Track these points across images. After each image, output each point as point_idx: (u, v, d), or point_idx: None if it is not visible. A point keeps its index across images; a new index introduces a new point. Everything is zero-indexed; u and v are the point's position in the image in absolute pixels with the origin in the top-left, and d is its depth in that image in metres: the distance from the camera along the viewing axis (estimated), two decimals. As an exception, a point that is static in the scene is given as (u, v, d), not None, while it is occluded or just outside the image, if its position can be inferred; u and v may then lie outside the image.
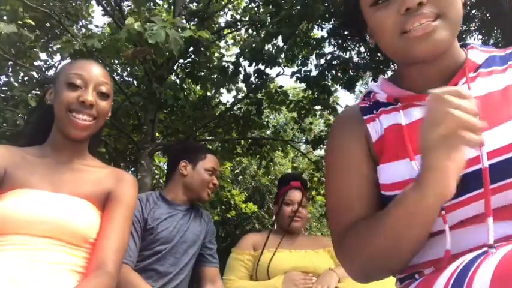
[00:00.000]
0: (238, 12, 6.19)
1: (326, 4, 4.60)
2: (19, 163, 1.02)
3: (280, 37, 4.75)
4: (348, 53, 5.80)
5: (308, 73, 5.35)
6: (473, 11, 6.75)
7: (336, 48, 5.85)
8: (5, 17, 3.19)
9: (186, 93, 5.42)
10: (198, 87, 5.85)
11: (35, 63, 4.45)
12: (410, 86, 0.74)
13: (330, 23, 5.61)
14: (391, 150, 0.71)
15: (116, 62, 5.31)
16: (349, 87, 5.41)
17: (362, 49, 6.29)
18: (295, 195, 1.86)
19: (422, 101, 0.71)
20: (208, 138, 5.92)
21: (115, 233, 1.02)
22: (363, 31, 0.80)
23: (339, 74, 5.34)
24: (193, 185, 1.68)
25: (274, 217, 1.96)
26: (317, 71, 5.46)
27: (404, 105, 0.73)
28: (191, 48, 3.87)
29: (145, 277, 1.44)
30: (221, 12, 6.13)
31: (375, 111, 0.77)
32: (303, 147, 9.08)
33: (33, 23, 3.77)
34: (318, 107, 5.78)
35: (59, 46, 2.84)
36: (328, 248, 1.80)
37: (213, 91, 5.60)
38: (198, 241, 1.63)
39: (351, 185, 0.75)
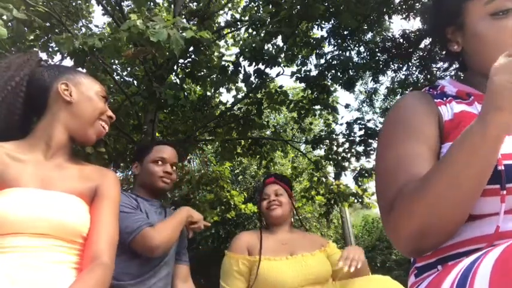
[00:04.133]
0: (238, 11, 6.20)
1: (326, 4, 4.60)
2: (5, 162, 1.01)
3: (280, 37, 4.75)
4: (348, 53, 5.81)
5: (308, 73, 5.35)
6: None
7: (335, 48, 5.87)
8: (4, 17, 3.18)
9: (186, 93, 5.42)
10: (198, 87, 5.86)
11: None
12: (479, 90, 0.80)
13: (330, 22, 5.61)
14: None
15: (116, 61, 5.31)
16: (349, 87, 5.42)
17: (362, 49, 6.30)
18: (269, 188, 1.92)
19: None
20: (208, 138, 5.93)
21: (106, 226, 1.04)
22: (446, 33, 0.84)
23: (339, 74, 5.35)
24: (145, 180, 1.70)
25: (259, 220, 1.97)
26: (317, 71, 5.47)
27: (477, 101, 0.78)
28: (191, 48, 3.87)
29: (136, 264, 1.46)
30: (221, 12, 6.13)
31: (444, 98, 0.82)
32: (302, 147, 9.09)
33: (46, 9, 3.76)
34: (317, 107, 5.79)
35: (59, 41, 2.84)
36: (324, 247, 1.79)
37: (213, 91, 5.60)
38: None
39: (417, 154, 0.74)
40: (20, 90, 1.08)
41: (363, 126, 5.51)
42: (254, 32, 4.90)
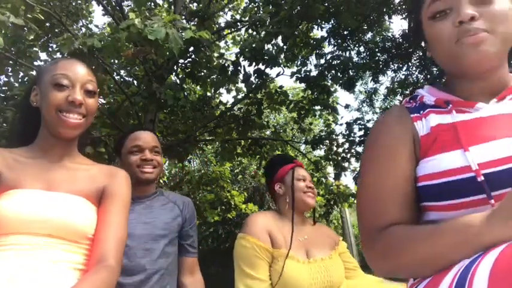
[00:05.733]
0: (239, 12, 6.20)
1: (326, 4, 4.60)
2: (11, 165, 1.03)
3: (280, 37, 4.75)
4: (348, 53, 5.81)
5: (308, 73, 5.35)
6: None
7: (335, 48, 5.86)
8: (4, 18, 3.18)
9: (186, 93, 5.42)
10: (198, 87, 5.85)
11: (35, 63, 4.45)
12: (458, 95, 0.81)
13: (330, 23, 5.61)
14: (441, 145, 0.74)
15: (116, 61, 5.31)
16: (349, 87, 5.42)
17: (362, 49, 6.30)
18: (304, 172, 1.74)
19: (470, 107, 0.78)
20: (208, 138, 5.92)
21: (113, 226, 1.03)
22: (421, 42, 0.89)
23: (339, 74, 5.35)
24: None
25: (278, 198, 1.73)
26: (317, 71, 5.47)
27: (455, 108, 0.79)
28: (191, 48, 3.87)
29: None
30: (221, 13, 6.13)
31: (421, 111, 0.83)
32: (302, 147, 9.09)
33: (42, 17, 3.76)
34: (317, 107, 5.79)
35: (59, 43, 2.85)
36: (337, 245, 1.69)
37: (213, 91, 5.60)
38: (170, 229, 1.56)
39: (391, 182, 0.77)
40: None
41: (363, 126, 5.50)
42: (254, 33, 4.90)
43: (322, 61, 5.55)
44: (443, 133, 0.76)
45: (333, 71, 5.37)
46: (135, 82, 5.38)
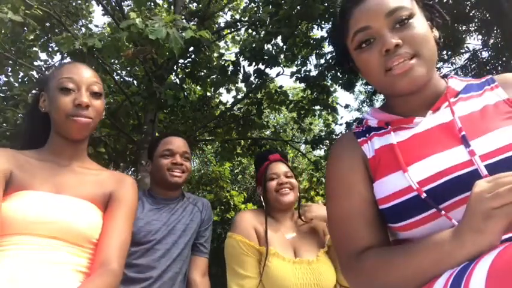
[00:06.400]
0: (238, 12, 6.20)
1: (326, 4, 4.60)
2: (22, 166, 1.04)
3: (280, 37, 4.75)
4: (347, 53, 5.80)
5: (308, 73, 5.35)
6: (473, 11, 6.75)
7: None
8: (2, 16, 3.18)
9: (186, 93, 5.42)
10: (198, 87, 5.86)
11: (35, 63, 4.45)
12: (398, 112, 0.84)
13: (330, 23, 5.61)
14: (384, 167, 0.77)
15: (116, 61, 5.31)
16: (349, 87, 5.41)
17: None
18: (278, 167, 1.68)
19: (409, 123, 0.80)
20: (208, 138, 5.93)
21: (117, 231, 1.04)
22: (354, 68, 0.90)
23: (339, 74, 5.35)
24: (155, 176, 1.69)
25: (262, 199, 1.70)
26: (317, 71, 5.47)
27: (394, 128, 0.82)
28: (191, 48, 3.87)
29: (134, 271, 1.44)
30: (221, 12, 6.13)
31: (367, 135, 0.86)
32: (302, 147, 9.09)
33: (40, 12, 3.76)
34: (317, 107, 5.79)
35: (59, 42, 2.85)
36: (328, 242, 1.63)
37: (213, 91, 5.60)
38: (188, 230, 1.61)
39: (354, 209, 0.78)
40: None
41: (363, 126, 5.48)
42: (254, 32, 4.90)
43: (322, 61, 5.55)
44: (385, 155, 0.78)
45: (333, 71, 5.37)
46: (135, 82, 5.39)
